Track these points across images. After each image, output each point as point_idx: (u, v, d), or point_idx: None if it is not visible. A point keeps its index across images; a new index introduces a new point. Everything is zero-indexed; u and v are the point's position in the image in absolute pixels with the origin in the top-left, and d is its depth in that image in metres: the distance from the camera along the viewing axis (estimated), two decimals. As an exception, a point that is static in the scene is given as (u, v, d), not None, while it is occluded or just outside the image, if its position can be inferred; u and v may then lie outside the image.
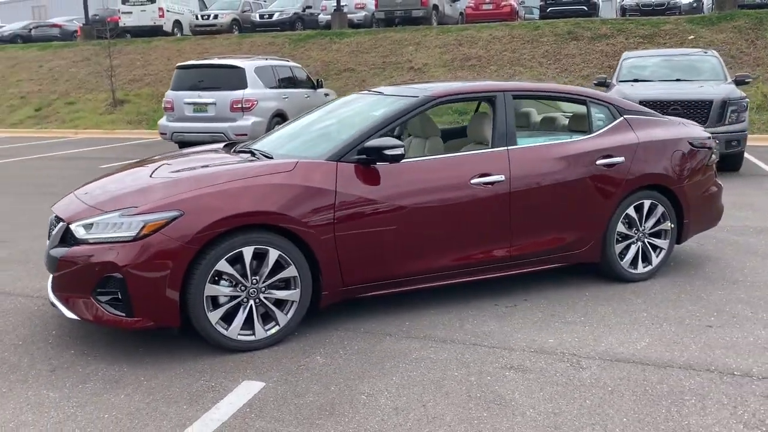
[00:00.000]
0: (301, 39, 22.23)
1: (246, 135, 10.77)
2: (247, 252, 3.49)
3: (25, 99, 21.69)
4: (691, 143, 4.84)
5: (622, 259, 4.62)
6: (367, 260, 3.81)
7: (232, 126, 11.29)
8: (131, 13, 25.20)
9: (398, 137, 5.45)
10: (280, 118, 12.20)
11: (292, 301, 3.67)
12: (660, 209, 4.67)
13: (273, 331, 3.64)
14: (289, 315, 3.67)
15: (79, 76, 22.47)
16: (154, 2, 24.94)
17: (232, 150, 4.42)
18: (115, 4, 25.82)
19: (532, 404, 2.99)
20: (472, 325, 3.94)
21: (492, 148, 4.25)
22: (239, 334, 3.56)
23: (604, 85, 10.64)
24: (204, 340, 3.58)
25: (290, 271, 3.62)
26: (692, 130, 4.99)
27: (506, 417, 2.89)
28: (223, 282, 3.51)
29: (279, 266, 3.61)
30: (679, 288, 4.55)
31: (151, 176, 3.82)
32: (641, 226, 4.65)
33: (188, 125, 11.63)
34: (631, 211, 4.58)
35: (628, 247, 4.65)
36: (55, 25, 28.47)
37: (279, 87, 12.32)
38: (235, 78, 11.67)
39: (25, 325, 4.05)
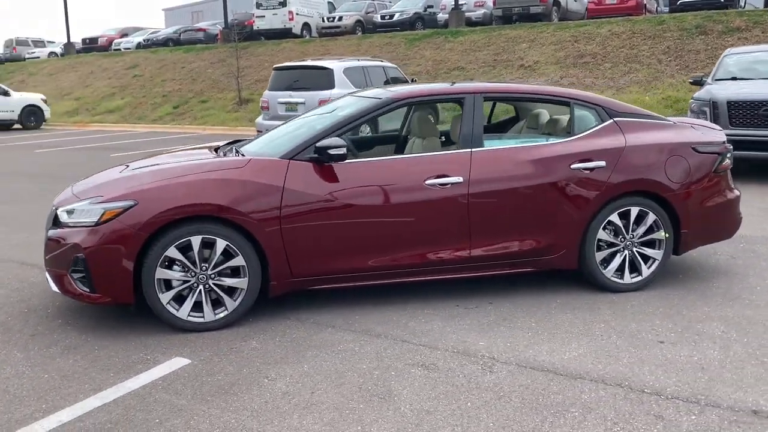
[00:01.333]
0: (416, 39, 22.54)
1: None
2: (196, 241, 3.83)
3: (166, 97, 23.88)
4: (695, 149, 4.53)
5: (605, 268, 4.44)
6: (316, 254, 4.01)
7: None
8: (264, 16, 26.83)
9: (405, 138, 5.58)
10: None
11: (241, 289, 3.96)
12: (651, 217, 4.43)
13: (221, 315, 3.96)
14: (238, 301, 3.96)
15: (213, 76, 24.34)
16: (285, 6, 26.37)
17: (220, 150, 4.76)
18: (253, 8, 27.57)
19: (414, 401, 3.06)
20: (417, 323, 4.01)
21: (457, 149, 4.27)
22: (189, 316, 3.91)
23: (699, 83, 9.94)
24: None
25: (238, 261, 3.91)
26: (700, 134, 4.66)
27: (379, 410, 2.98)
28: (175, 267, 3.87)
29: (227, 255, 3.91)
30: (664, 301, 4.30)
31: (132, 170, 4.28)
32: (628, 234, 4.44)
33: (279, 123, 12.31)
34: (614, 218, 4.38)
35: (613, 256, 4.46)
36: (200, 29, 30.97)
37: (369, 87, 12.68)
38: (324, 79, 12.19)
39: (40, 296, 4.67)
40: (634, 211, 4.41)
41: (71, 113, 25.24)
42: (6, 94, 21.87)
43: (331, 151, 3.91)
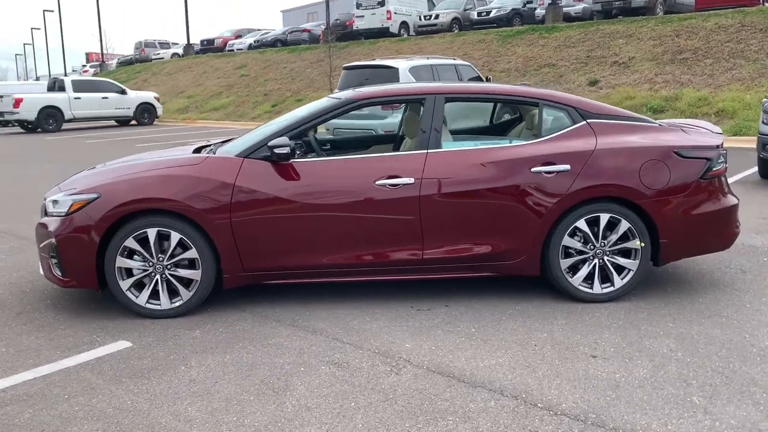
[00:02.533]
0: (510, 35, 22.12)
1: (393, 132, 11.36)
2: (152, 233, 4.08)
3: (267, 96, 24.98)
4: (678, 153, 4.23)
5: (572, 276, 4.26)
6: (266, 249, 4.14)
7: (381, 123, 11.94)
8: (363, 16, 27.35)
9: (401, 138, 5.58)
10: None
11: (195, 280, 4.17)
12: (624, 225, 4.18)
13: (177, 304, 4.19)
14: (192, 292, 4.18)
15: (311, 75, 25.15)
16: (384, 5, 26.74)
17: (204, 149, 4.97)
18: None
19: (302, 397, 3.12)
20: (360, 322, 4.05)
21: (413, 150, 4.25)
22: (148, 303, 4.18)
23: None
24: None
25: (192, 253, 4.13)
26: (687, 137, 4.34)
27: (264, 403, 3.07)
28: (136, 257, 4.15)
29: (184, 248, 4.13)
30: (630, 314, 4.05)
31: (108, 166, 4.60)
32: (598, 242, 4.22)
33: (347, 122, 12.56)
34: (581, 224, 4.19)
35: (582, 263, 4.26)
36: (305, 30, 32.06)
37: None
38: (389, 78, 12.29)
39: (44, 278, 5.14)
40: (604, 217, 4.18)
41: (182, 110, 26.99)
42: (123, 92, 23.76)
43: (277, 150, 4.02)
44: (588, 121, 4.31)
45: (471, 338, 3.76)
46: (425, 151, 4.21)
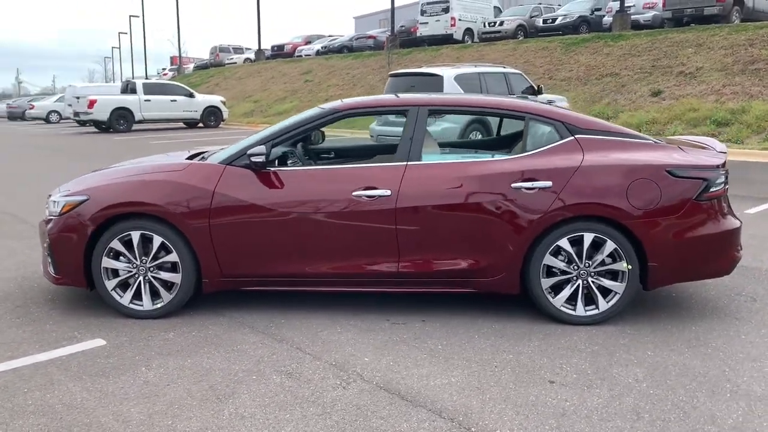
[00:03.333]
0: (574, 43, 21.62)
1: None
2: (135, 235, 4.21)
3: (327, 101, 25.28)
4: (670, 172, 4.01)
5: (553, 297, 4.11)
6: (245, 256, 4.20)
7: (424, 131, 11.89)
8: (427, 23, 27.35)
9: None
10: (480, 125, 12.41)
11: (176, 284, 4.27)
12: (610, 245, 4.01)
13: (158, 305, 4.30)
14: (173, 294, 4.28)
15: (372, 82, 25.33)
16: (448, 12, 26.66)
17: (198, 156, 5.06)
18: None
19: (241, 406, 3.14)
20: (329, 333, 4.04)
21: (392, 162, 4.21)
22: (131, 303, 4.31)
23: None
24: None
25: (173, 257, 4.23)
26: (682, 156, 4.11)
27: (203, 409, 3.11)
28: (121, 258, 4.29)
29: (165, 251, 4.25)
30: (609, 340, 3.88)
31: (105, 169, 4.77)
32: (582, 263, 4.06)
33: (389, 129, 12.60)
34: (564, 243, 4.03)
35: (565, 283, 4.11)
36: (370, 37, 32.33)
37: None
38: (434, 85, 12.24)
39: (57, 274, 5.38)
40: (588, 237, 4.02)
41: (247, 114, 27.74)
42: (191, 96, 24.65)
43: (253, 159, 4.08)
44: (576, 136, 4.15)
45: (433, 355, 3.68)
46: (404, 163, 4.16)
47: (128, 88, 24.21)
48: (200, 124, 25.28)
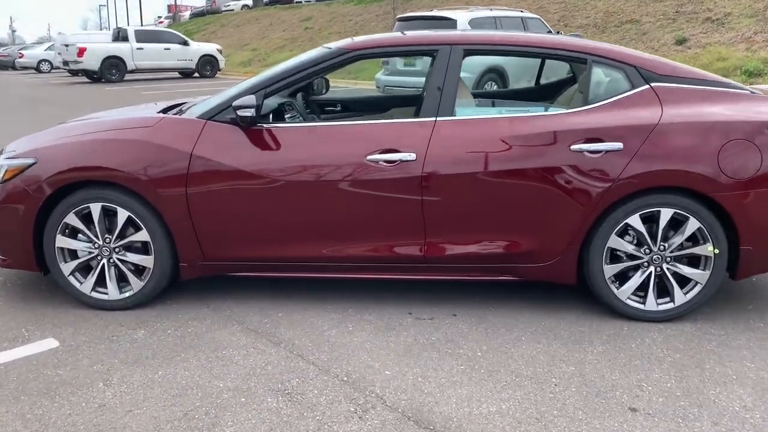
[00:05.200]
0: (591, -13, 20.28)
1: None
2: (95, 208, 3.37)
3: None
4: (774, 130, 3.14)
5: (618, 287, 3.29)
6: (230, 235, 3.36)
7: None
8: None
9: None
10: (495, 74, 11.41)
11: (148, 268, 3.45)
12: (693, 224, 3.16)
13: (127, 294, 3.49)
14: (144, 281, 3.46)
15: (376, 29, 24.06)
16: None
17: (179, 105, 4.16)
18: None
19: (196, 407, 2.35)
20: (339, 332, 3.23)
21: (416, 117, 3.33)
22: (93, 291, 3.49)
23: None
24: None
25: (143, 235, 3.39)
26: (790, 109, 3.22)
27: (138, 411, 2.32)
28: (81, 236, 3.45)
29: (132, 228, 3.41)
30: (690, 345, 3.07)
31: (60, 124, 3.89)
32: (656, 245, 3.22)
33: (397, 79, 11.61)
34: (635, 220, 3.19)
35: (633, 272, 3.28)
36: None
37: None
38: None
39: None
40: (666, 213, 3.17)
41: (245, 63, 26.55)
42: (185, 44, 23.42)
43: (240, 112, 3.19)
44: (652, 84, 3.26)
45: (473, 366, 2.88)
46: (433, 118, 3.27)
47: (120, 36, 22.96)
48: (196, 74, 24.12)
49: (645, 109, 3.20)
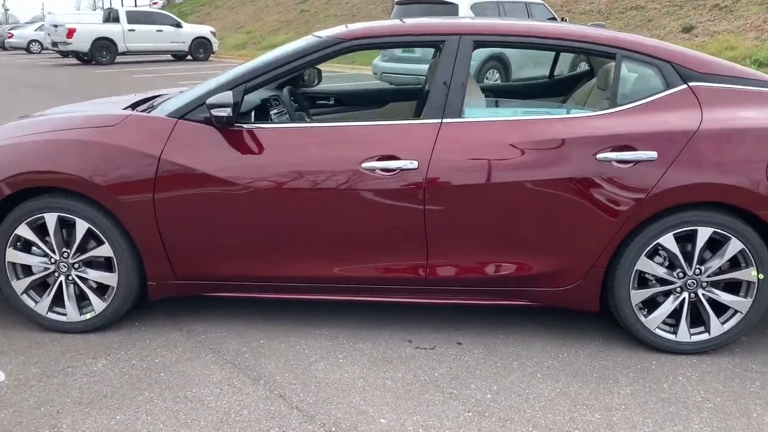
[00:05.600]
0: (595, -28, 19.73)
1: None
2: (50, 219, 2.94)
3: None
4: (831, 139, 2.72)
5: (647, 315, 2.88)
6: (206, 251, 2.94)
7: (434, 68, 10.45)
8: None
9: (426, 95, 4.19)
10: (497, 62, 10.95)
11: (112, 287, 3.03)
12: (735, 245, 2.75)
13: (88, 316, 3.07)
14: (107, 302, 3.04)
15: (373, 12, 23.53)
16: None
17: (144, 101, 3.69)
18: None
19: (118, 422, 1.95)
20: (327, 365, 2.82)
21: (419, 117, 2.90)
22: (51, 312, 3.08)
23: None
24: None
25: (105, 250, 2.97)
26: None
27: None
28: (35, 250, 3.03)
29: (93, 241, 2.99)
30: (731, 385, 2.67)
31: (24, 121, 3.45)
32: (692, 268, 2.81)
33: (395, 65, 11.14)
34: (668, 240, 2.78)
35: (663, 297, 2.88)
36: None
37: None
38: (447, 15, 10.70)
39: None
40: (704, 233, 2.75)
41: (239, 46, 25.96)
42: (178, 26, 22.81)
43: (215, 111, 2.76)
44: (691, 84, 2.83)
45: (483, 412, 2.47)
46: (438, 120, 2.84)
47: (110, 17, 22.31)
48: (189, 57, 23.53)
49: (682, 112, 2.77)
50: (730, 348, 2.95)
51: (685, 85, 2.83)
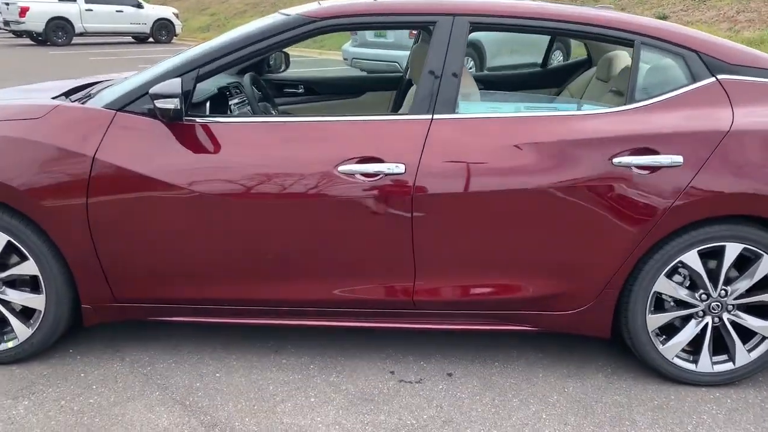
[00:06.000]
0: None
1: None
2: (-39, 231, 2.44)
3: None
4: None
5: (664, 342, 2.51)
6: (150, 269, 2.47)
7: (408, 55, 9.99)
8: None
9: (408, 84, 3.75)
10: (471, 49, 10.53)
11: (38, 311, 2.54)
12: (766, 264, 2.39)
13: (10, 345, 2.58)
14: (33, 328, 2.55)
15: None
16: None
17: (81, 88, 3.17)
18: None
19: None
20: (293, 407, 2.39)
21: (405, 114, 2.46)
22: (-36, 340, 2.58)
23: None
24: None
25: (29, 267, 2.48)
26: None
27: None
28: (-55, 267, 2.53)
29: (16, 256, 2.49)
30: (759, 423, 2.31)
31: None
32: (717, 289, 2.44)
33: (367, 51, 10.63)
34: (691, 257, 2.40)
35: (683, 322, 2.51)
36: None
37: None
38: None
39: None
40: (733, 249, 2.39)
41: (203, 29, 25.11)
42: (139, 6, 21.91)
43: (159, 104, 2.29)
44: (720, 77, 2.45)
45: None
46: (428, 116, 2.41)
47: (67, -5, 21.29)
48: (150, 39, 22.63)
49: (711, 110, 2.39)
50: (754, 380, 2.60)
51: (713, 78, 2.44)
